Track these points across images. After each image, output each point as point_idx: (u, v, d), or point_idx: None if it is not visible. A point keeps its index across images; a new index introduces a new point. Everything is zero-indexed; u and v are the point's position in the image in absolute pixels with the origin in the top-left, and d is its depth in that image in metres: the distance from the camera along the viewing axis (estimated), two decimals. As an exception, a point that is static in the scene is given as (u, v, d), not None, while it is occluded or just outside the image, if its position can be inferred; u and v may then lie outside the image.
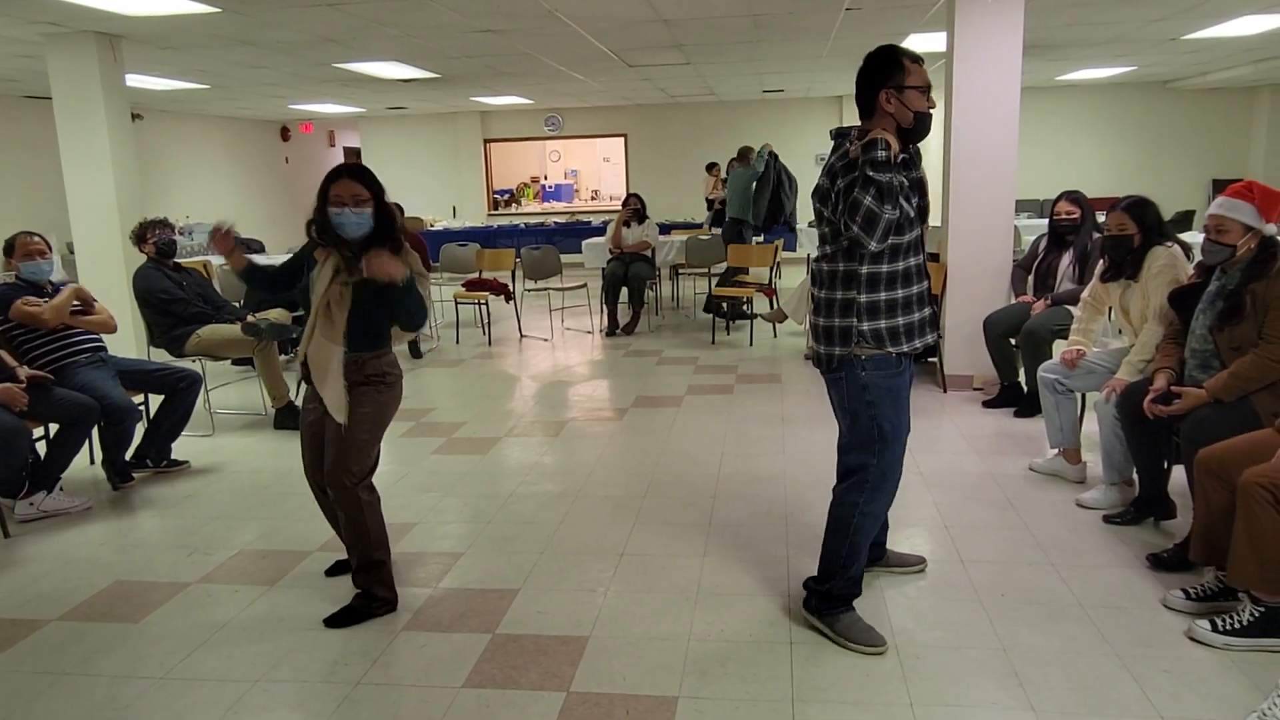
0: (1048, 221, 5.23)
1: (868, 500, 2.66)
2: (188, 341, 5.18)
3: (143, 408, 4.63)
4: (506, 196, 15.32)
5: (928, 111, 2.50)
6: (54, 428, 4.09)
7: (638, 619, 2.92)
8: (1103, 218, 4.08)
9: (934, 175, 3.38)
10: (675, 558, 3.38)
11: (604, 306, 8.41)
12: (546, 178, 16.36)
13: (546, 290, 8.84)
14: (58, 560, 3.55)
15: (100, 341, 4.44)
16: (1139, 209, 3.80)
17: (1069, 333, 4.16)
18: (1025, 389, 5.19)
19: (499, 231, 13.41)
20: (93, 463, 4.68)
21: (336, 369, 2.83)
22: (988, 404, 5.40)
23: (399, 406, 3.03)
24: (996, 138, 5.54)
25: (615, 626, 2.88)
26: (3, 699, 2.58)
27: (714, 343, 7.73)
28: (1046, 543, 3.41)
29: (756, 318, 8.06)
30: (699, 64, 9.27)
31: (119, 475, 4.36)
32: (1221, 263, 3.17)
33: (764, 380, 6.28)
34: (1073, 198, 5.06)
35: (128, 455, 4.41)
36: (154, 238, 5.14)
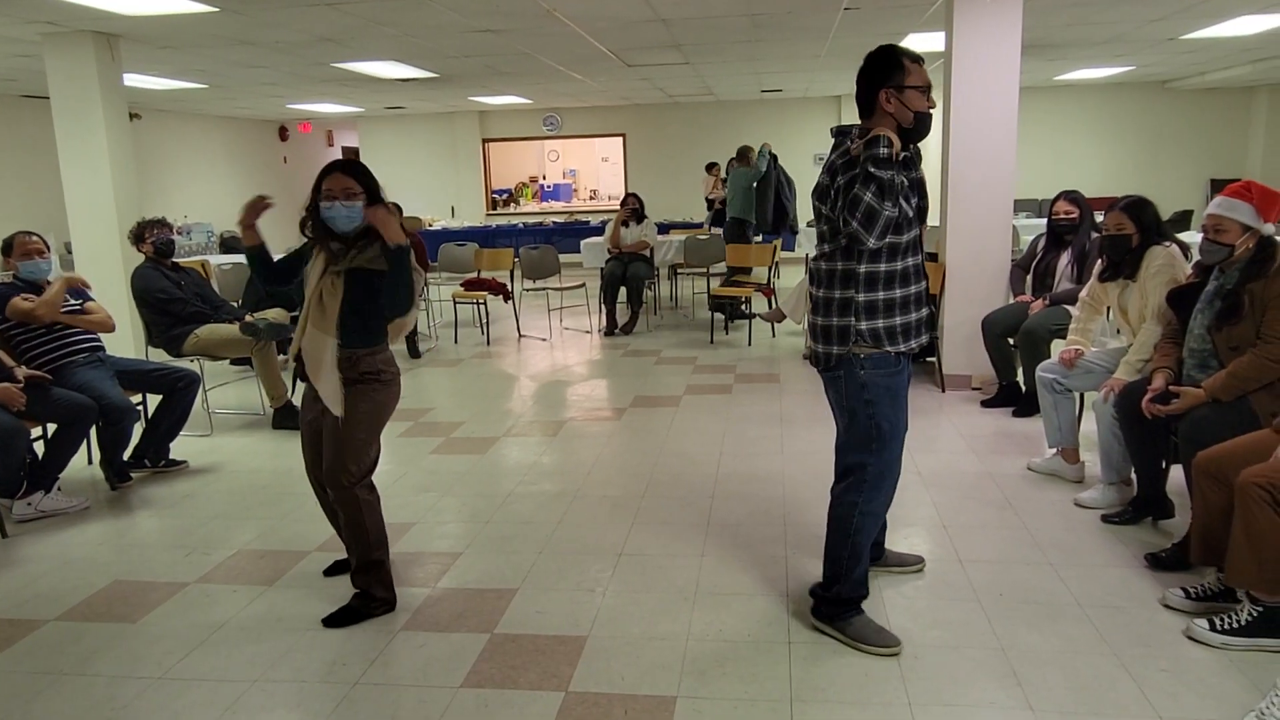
0: (1046, 221, 5.24)
1: (866, 499, 2.66)
2: (186, 341, 5.18)
3: (141, 408, 4.63)
4: (505, 196, 15.32)
5: (928, 111, 2.50)
6: (52, 428, 4.09)
7: (636, 619, 2.92)
8: (1101, 217, 4.08)
9: (932, 175, 3.38)
10: (674, 558, 3.38)
11: (602, 306, 8.41)
12: (545, 177, 16.35)
13: (545, 290, 8.83)
14: (56, 560, 3.55)
15: (98, 341, 4.44)
16: (1137, 209, 3.80)
17: (1067, 332, 4.16)
18: (1023, 388, 5.19)
19: (497, 231, 13.40)
20: (91, 463, 4.68)
21: (330, 361, 2.82)
22: (986, 404, 5.41)
23: (397, 405, 3.02)
24: (995, 137, 5.54)
25: (614, 626, 2.88)
26: (1, 699, 2.58)
27: (712, 342, 7.74)
28: (1045, 542, 3.41)
29: (755, 317, 8.07)
30: (697, 64, 9.27)
31: (117, 475, 4.36)
32: (1219, 262, 3.17)
33: (762, 380, 6.28)
34: (1071, 197, 5.07)
35: (126, 455, 4.41)
36: (152, 237, 5.14)
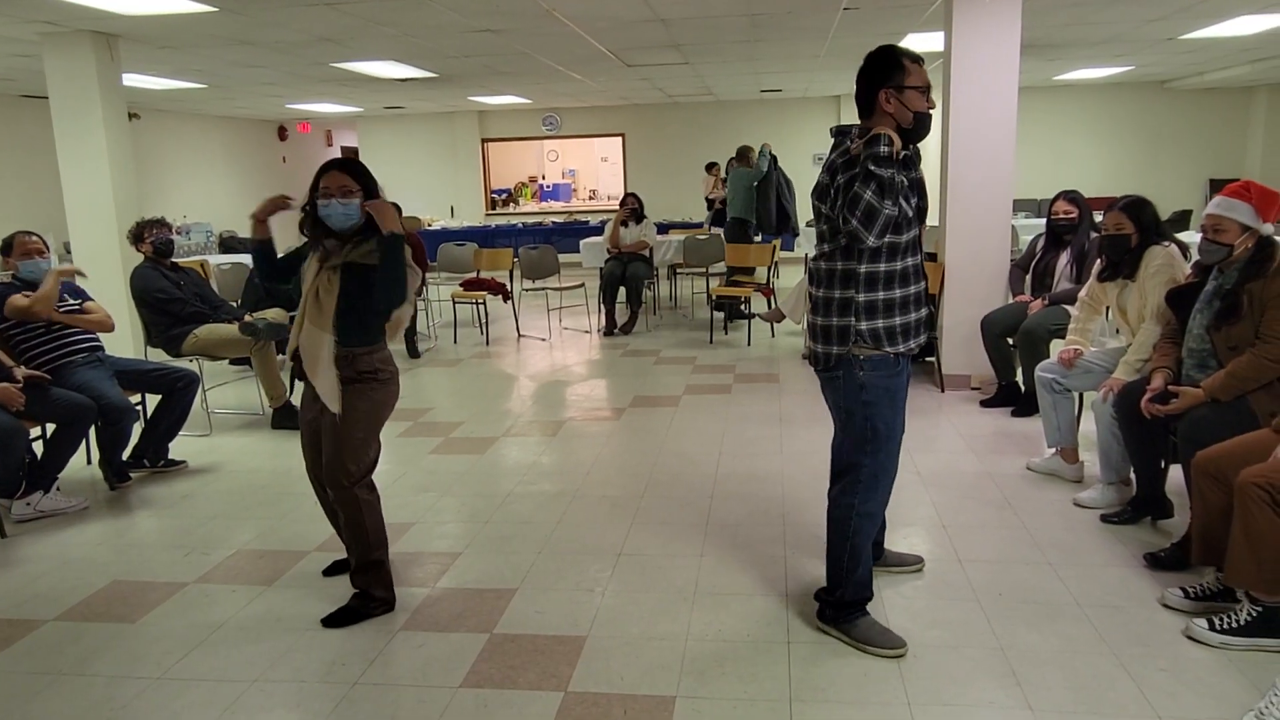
0: (1045, 221, 5.24)
1: (863, 500, 2.66)
2: (185, 341, 5.18)
3: (140, 407, 4.63)
4: (504, 196, 15.32)
5: (927, 112, 2.50)
6: (51, 428, 4.09)
7: (635, 619, 2.92)
8: (1100, 217, 4.08)
9: (932, 175, 3.38)
10: (673, 558, 3.38)
11: (602, 306, 8.41)
12: (544, 177, 16.35)
13: (544, 290, 8.83)
14: (55, 560, 3.55)
15: (97, 341, 4.44)
16: (1136, 208, 3.80)
17: (1066, 332, 4.16)
18: (1023, 388, 5.19)
19: (497, 231, 13.40)
20: (90, 463, 4.67)
21: (327, 357, 2.82)
22: (985, 403, 5.41)
23: (396, 404, 3.02)
24: (994, 137, 5.54)
25: (613, 626, 2.88)
26: (0, 699, 2.58)
27: (712, 342, 7.74)
28: (1044, 542, 3.41)
29: (754, 317, 8.07)
30: (697, 63, 9.27)
31: (116, 475, 4.36)
32: (1219, 262, 3.17)
33: (762, 380, 6.28)
34: (1070, 197, 5.07)
35: (125, 455, 4.40)
36: (151, 237, 5.14)
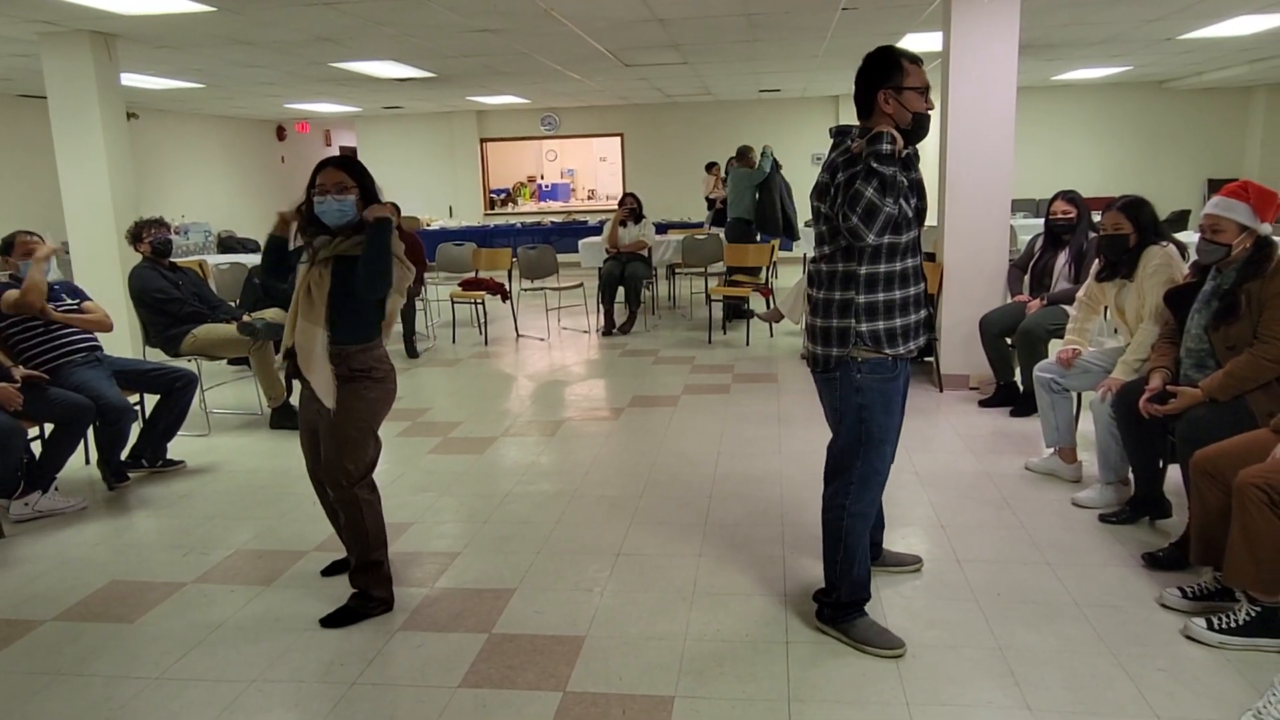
0: (1044, 221, 5.24)
1: (854, 501, 2.65)
2: (183, 341, 5.18)
3: (138, 407, 4.63)
4: (503, 196, 15.32)
5: (926, 112, 2.50)
6: (49, 427, 4.08)
7: (634, 619, 2.92)
8: (1098, 217, 4.09)
9: (930, 175, 3.37)
10: (671, 557, 3.38)
11: (600, 306, 8.41)
12: (543, 177, 16.35)
13: (543, 290, 8.83)
14: (53, 560, 3.54)
15: (96, 341, 4.44)
16: (1134, 208, 3.80)
17: (1065, 332, 4.17)
18: (1021, 388, 5.19)
19: (495, 231, 13.40)
20: (88, 463, 4.67)
21: (321, 352, 2.81)
22: (984, 403, 5.41)
23: (393, 403, 3.01)
24: (993, 137, 5.55)
25: (612, 626, 2.88)
26: (-2, 700, 2.58)
27: (710, 342, 7.74)
28: (1042, 542, 3.41)
29: (753, 317, 8.07)
30: (695, 63, 9.27)
31: (114, 475, 4.35)
32: (1217, 262, 3.17)
33: (760, 380, 6.28)
34: (1069, 197, 5.07)
35: (123, 455, 4.40)
36: (150, 237, 5.14)
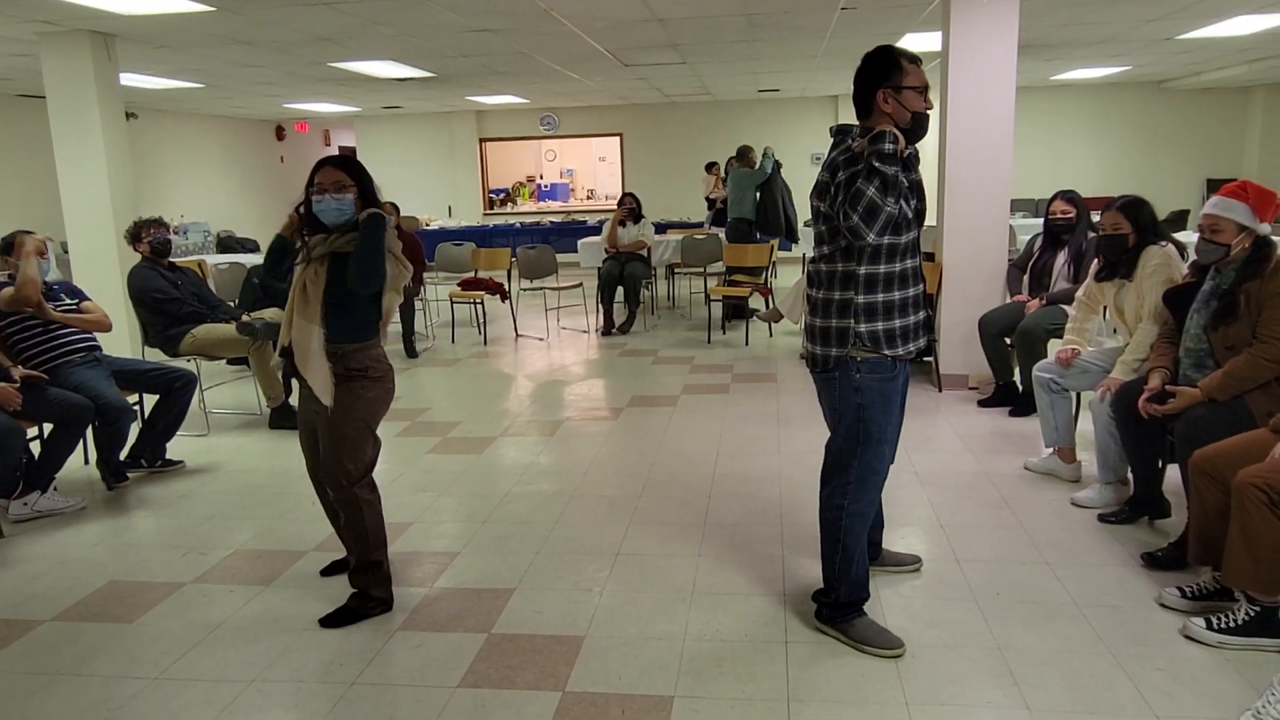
0: (1043, 221, 5.24)
1: (852, 500, 2.65)
2: (183, 341, 5.17)
3: (137, 407, 4.62)
4: (502, 196, 15.31)
5: (925, 112, 2.50)
6: (48, 427, 4.08)
7: (633, 619, 2.92)
8: (1097, 217, 4.09)
9: (929, 175, 3.38)
10: (671, 557, 3.38)
11: (599, 306, 8.41)
12: (542, 177, 16.34)
13: (542, 290, 8.83)
14: (52, 560, 3.54)
15: (95, 341, 4.43)
16: (1133, 208, 3.81)
17: (1064, 332, 4.17)
18: (1020, 388, 5.19)
19: (494, 231, 13.40)
20: (87, 463, 4.67)
21: (318, 350, 2.80)
22: (983, 403, 5.41)
23: (391, 403, 3.01)
24: (992, 137, 5.55)
25: (611, 626, 2.88)
26: (-3, 700, 2.58)
27: (709, 342, 7.74)
28: (1041, 542, 3.41)
29: (753, 317, 8.07)
30: (695, 63, 9.27)
31: (113, 475, 4.35)
32: (1216, 262, 3.17)
33: (759, 380, 6.28)
34: (1068, 197, 5.08)
35: (122, 455, 4.40)
36: (149, 237, 5.14)
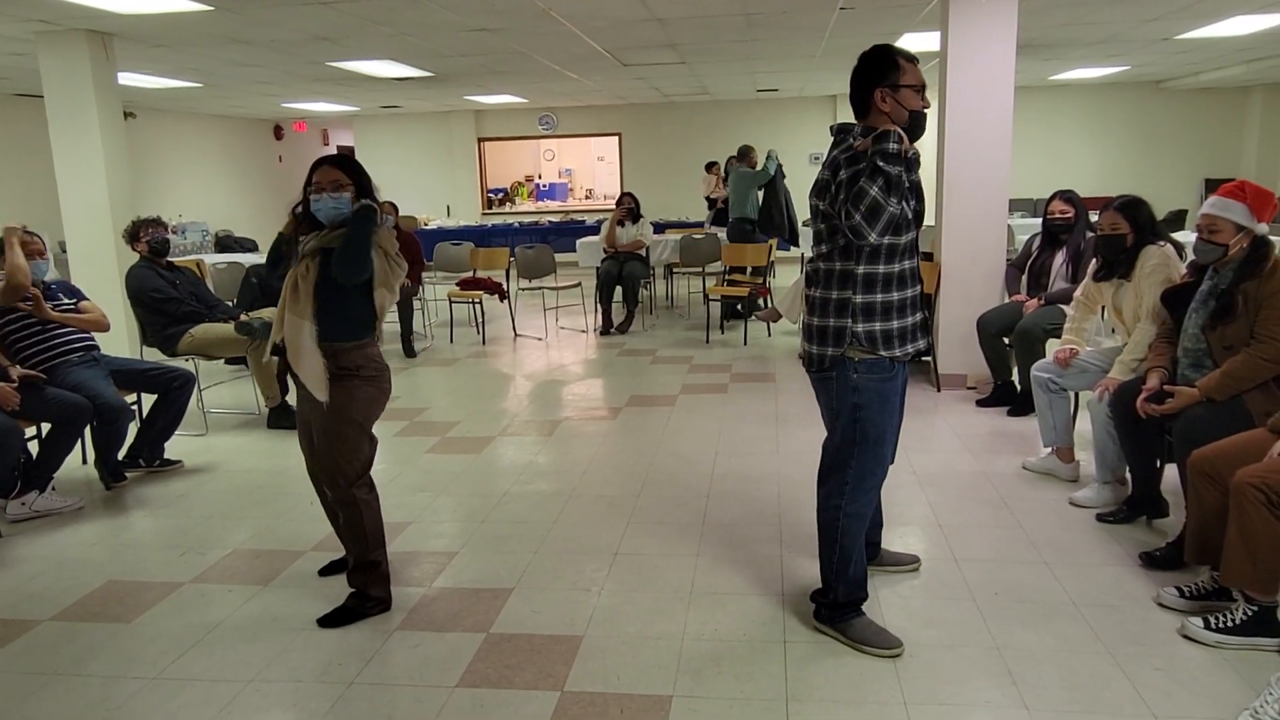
0: (1041, 221, 5.25)
1: (849, 501, 2.64)
2: (181, 341, 5.17)
3: (135, 407, 4.62)
4: (500, 195, 15.30)
5: (923, 111, 2.50)
6: (46, 427, 4.07)
7: (632, 618, 2.92)
8: (1095, 217, 4.09)
9: (928, 175, 3.38)
10: (669, 557, 3.38)
11: (598, 305, 8.41)
12: (541, 177, 16.33)
13: (541, 289, 8.82)
14: (50, 560, 3.54)
15: (93, 340, 4.43)
16: (1132, 208, 3.81)
17: (1062, 332, 4.17)
18: (1019, 388, 5.19)
19: (493, 230, 13.39)
20: (85, 462, 4.66)
21: (309, 345, 2.80)
22: (981, 403, 5.42)
23: (387, 403, 3.00)
24: (990, 137, 5.55)
25: (609, 626, 2.88)
26: (-6, 700, 2.58)
27: (708, 342, 7.74)
28: (1040, 541, 3.42)
29: (752, 316, 8.07)
30: (693, 63, 9.27)
31: (111, 475, 4.34)
32: (1214, 262, 3.18)
33: (758, 379, 6.28)
34: (1066, 197, 5.08)
35: (120, 455, 4.39)
36: (147, 236, 5.13)
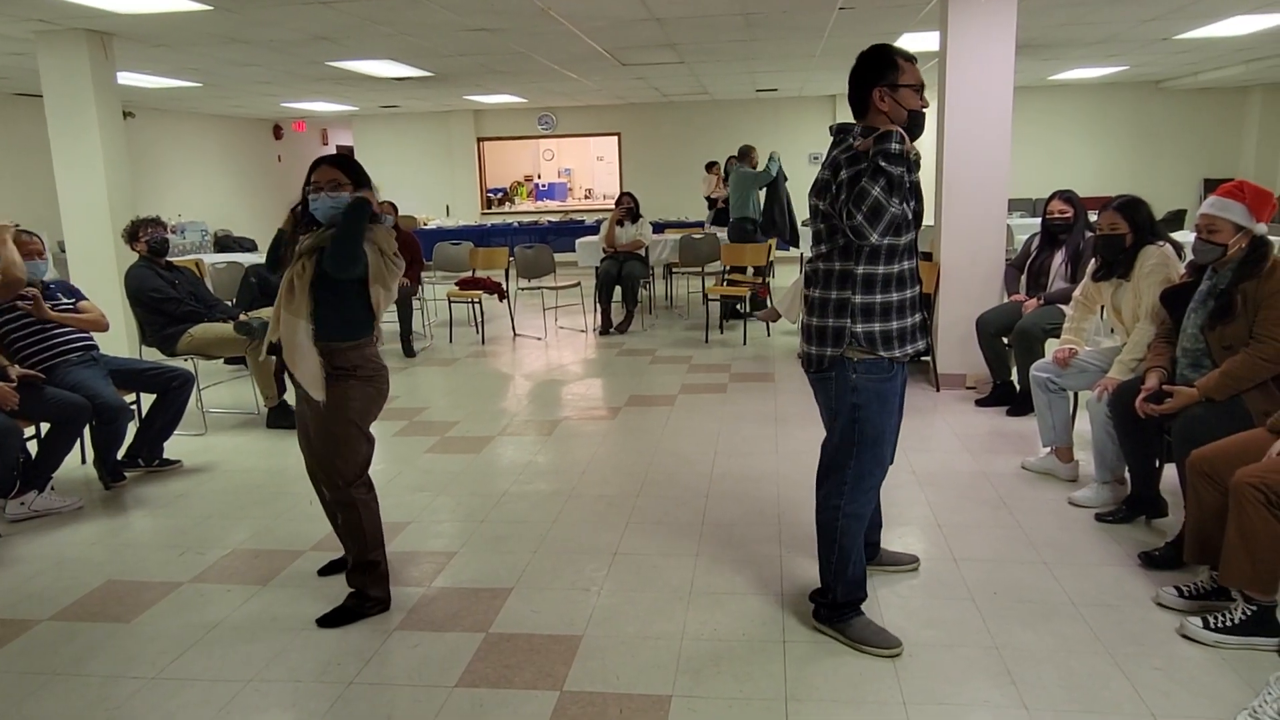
0: (1040, 220, 5.26)
1: (848, 501, 2.64)
2: (180, 340, 5.17)
3: (135, 407, 4.61)
4: (500, 195, 15.30)
5: (921, 110, 2.50)
6: (45, 427, 4.07)
7: (631, 618, 2.92)
8: (1094, 217, 4.09)
9: (927, 174, 3.38)
10: (668, 557, 3.38)
11: (597, 305, 8.41)
12: (540, 176, 16.33)
13: (540, 289, 8.83)
14: (49, 560, 3.54)
15: (91, 340, 4.43)
16: (1131, 208, 3.81)
17: (1061, 331, 4.17)
18: (1018, 388, 5.20)
19: (492, 230, 13.39)
20: (84, 462, 4.66)
21: (305, 343, 2.79)
22: (980, 403, 5.42)
23: (384, 403, 3.00)
24: (989, 137, 5.55)
25: (609, 625, 2.88)
26: (-7, 700, 2.57)
27: (707, 342, 7.74)
28: (1039, 541, 3.42)
29: (750, 316, 8.07)
30: (692, 63, 9.26)
31: (111, 475, 4.34)
32: (1213, 262, 3.18)
33: (757, 379, 6.28)
34: (1065, 197, 5.08)
35: (119, 454, 4.39)
36: (146, 236, 5.13)
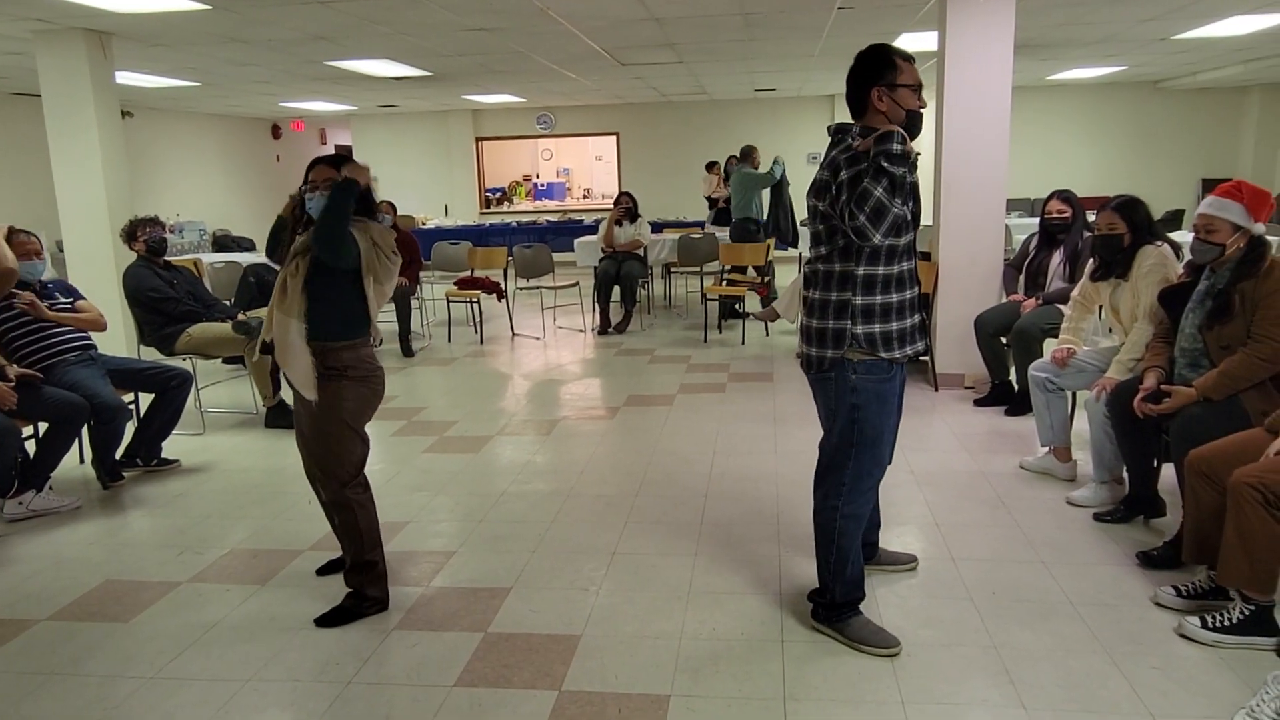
0: (1038, 220, 5.26)
1: (846, 501, 2.64)
2: (178, 340, 5.17)
3: (133, 406, 4.61)
4: (498, 195, 15.30)
5: (919, 110, 2.50)
6: (43, 426, 4.07)
7: (630, 618, 2.92)
8: (1093, 217, 4.10)
9: (926, 174, 3.38)
10: (667, 556, 3.39)
11: (596, 305, 8.41)
12: (538, 176, 16.33)
13: (538, 289, 8.83)
14: (47, 560, 3.53)
15: (90, 340, 4.42)
16: (1129, 208, 3.81)
17: (1059, 331, 4.18)
18: (1016, 387, 5.20)
19: (491, 230, 13.39)
20: (82, 462, 4.65)
21: (297, 343, 2.79)
22: (979, 402, 5.42)
23: (379, 404, 2.99)
24: (988, 137, 5.56)
25: (607, 625, 2.88)
26: (-9, 699, 2.57)
27: (706, 341, 7.74)
28: (1037, 541, 3.42)
29: (749, 316, 8.07)
30: (691, 63, 9.26)
31: (109, 474, 4.34)
32: (1211, 262, 3.18)
33: (756, 379, 6.28)
34: (1063, 196, 5.08)
35: (118, 454, 4.38)
36: (144, 236, 5.13)
